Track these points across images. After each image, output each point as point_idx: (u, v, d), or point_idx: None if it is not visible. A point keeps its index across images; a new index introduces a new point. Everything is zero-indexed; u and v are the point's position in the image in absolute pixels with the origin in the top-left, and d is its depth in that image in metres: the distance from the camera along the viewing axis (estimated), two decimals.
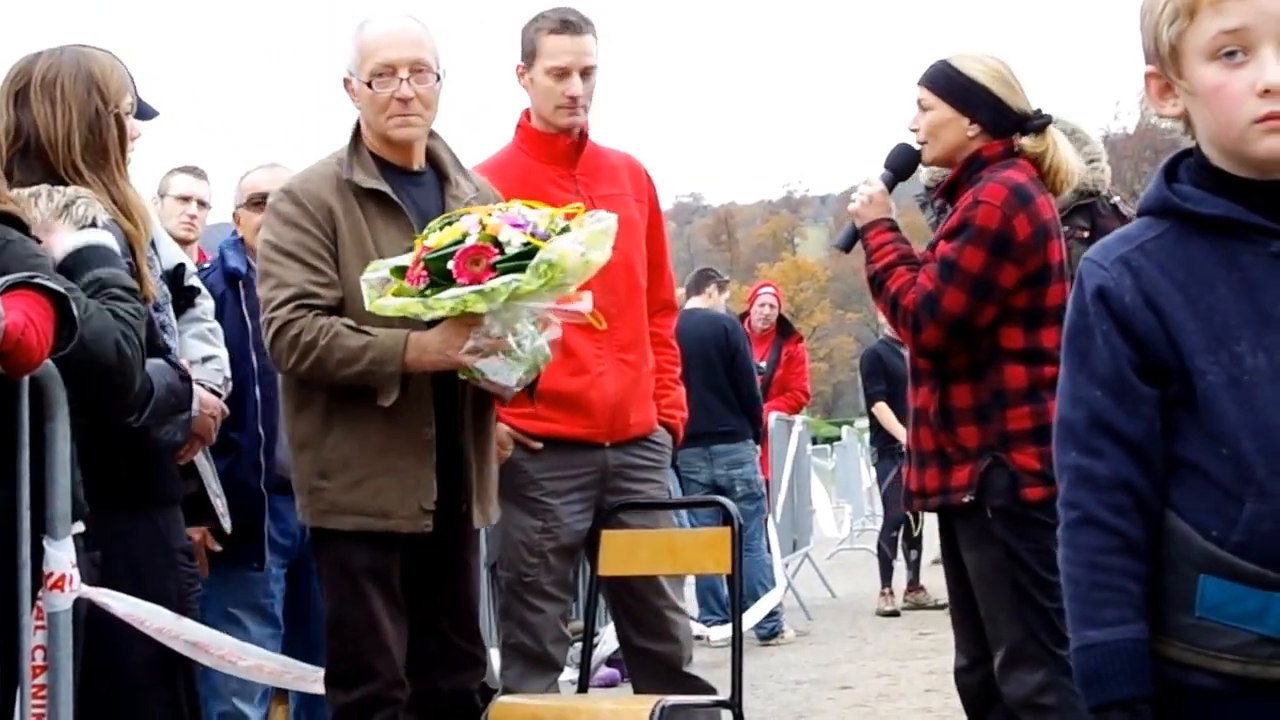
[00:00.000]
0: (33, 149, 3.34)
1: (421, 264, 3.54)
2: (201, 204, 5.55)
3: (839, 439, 22.63)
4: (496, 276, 3.49)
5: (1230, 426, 1.88)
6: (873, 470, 14.69)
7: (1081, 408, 1.99)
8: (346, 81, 3.92)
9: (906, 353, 11.60)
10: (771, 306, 10.26)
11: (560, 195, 4.29)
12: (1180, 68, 1.94)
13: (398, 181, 3.87)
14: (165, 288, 3.63)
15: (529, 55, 4.40)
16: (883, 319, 10.53)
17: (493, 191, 4.02)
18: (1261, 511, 1.85)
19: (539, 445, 4.24)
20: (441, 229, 3.61)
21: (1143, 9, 1.97)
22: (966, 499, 3.81)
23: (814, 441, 16.51)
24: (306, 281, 3.72)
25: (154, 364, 3.27)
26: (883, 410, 10.15)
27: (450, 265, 3.50)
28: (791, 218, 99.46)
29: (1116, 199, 4.79)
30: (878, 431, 10.43)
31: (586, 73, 4.39)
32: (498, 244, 3.52)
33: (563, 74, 4.36)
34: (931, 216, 4.84)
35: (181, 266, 3.86)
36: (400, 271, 3.61)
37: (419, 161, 3.94)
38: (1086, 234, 4.91)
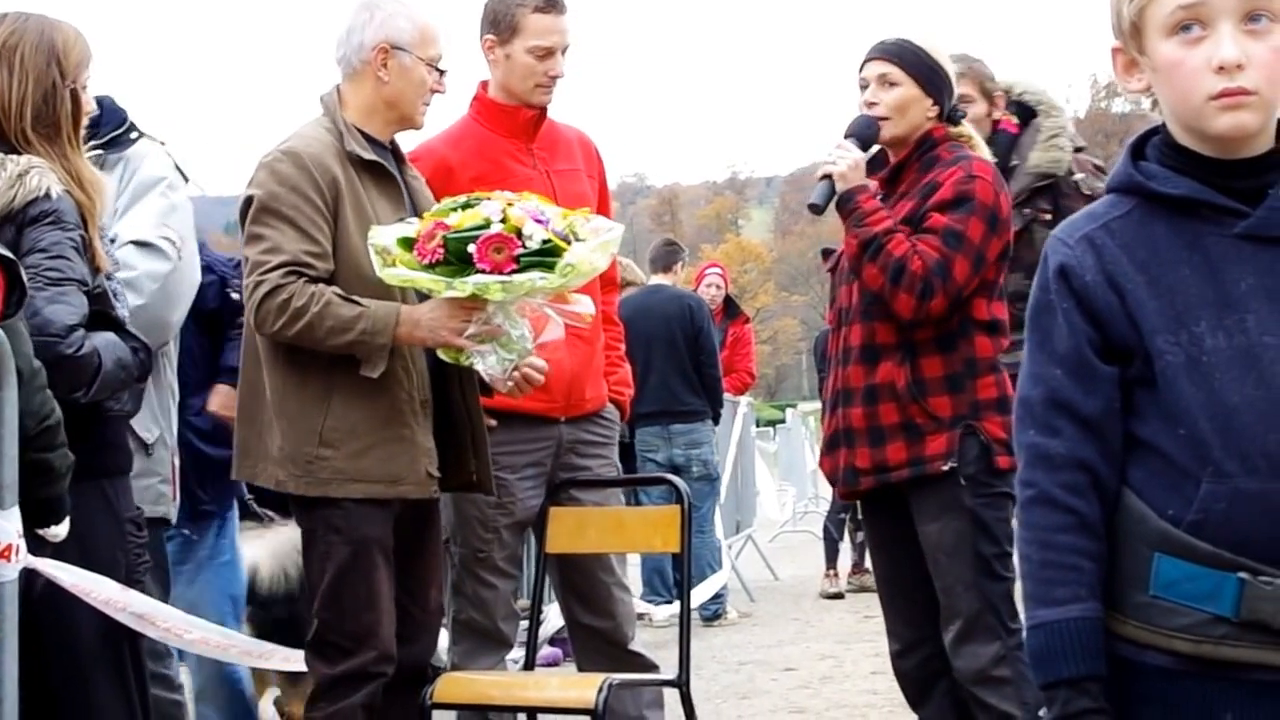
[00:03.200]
0: None
1: (439, 240, 3.60)
2: None
3: (782, 421, 22.68)
4: (517, 267, 3.58)
5: (1188, 406, 1.90)
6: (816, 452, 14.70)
7: (1040, 386, 2.00)
8: (385, 52, 3.93)
9: None
10: (719, 288, 10.26)
11: (518, 168, 4.32)
12: (1142, 43, 1.96)
13: (380, 156, 3.95)
14: (116, 255, 3.60)
15: (506, 31, 4.38)
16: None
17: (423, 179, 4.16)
18: (1217, 491, 1.87)
19: (493, 423, 4.24)
20: (461, 210, 3.67)
21: None
22: (946, 466, 3.82)
23: (756, 424, 16.52)
24: (301, 250, 3.74)
25: (103, 338, 3.24)
26: None
27: (471, 249, 3.57)
28: (735, 199, 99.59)
29: (1080, 176, 4.78)
30: None
31: (565, 51, 4.42)
32: (519, 235, 3.60)
33: (547, 53, 4.38)
34: None
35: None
36: (407, 243, 3.65)
37: (388, 140, 4.05)
38: (1049, 215, 4.92)
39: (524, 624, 4.75)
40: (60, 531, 3.10)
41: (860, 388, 3.97)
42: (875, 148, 4.06)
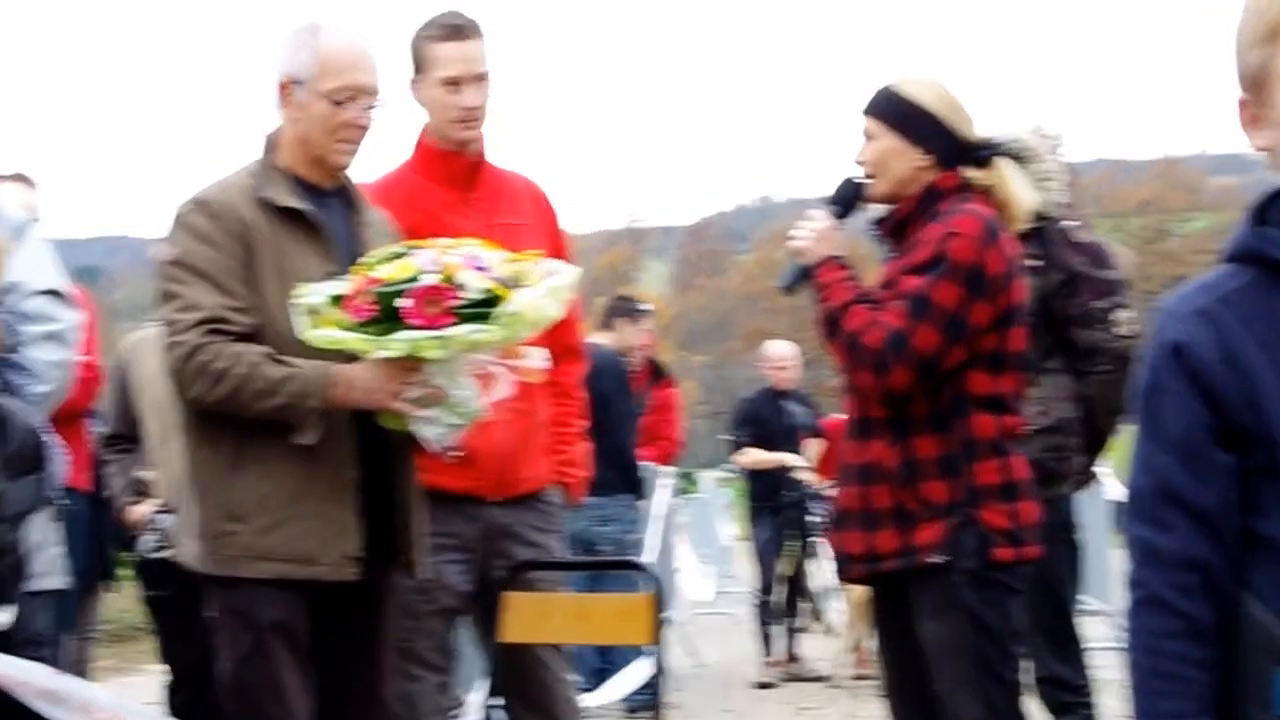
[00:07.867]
0: None
1: (370, 296, 3.45)
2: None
3: (694, 489, 22.54)
4: (456, 320, 3.43)
5: None
6: (732, 525, 14.67)
7: (1150, 475, 1.92)
8: (285, 87, 3.80)
9: (785, 404, 11.51)
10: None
11: (453, 220, 4.19)
12: (1265, 96, 1.87)
13: (311, 201, 3.79)
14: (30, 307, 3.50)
15: (420, 67, 4.29)
16: (803, 355, 10.58)
17: (389, 225, 3.97)
18: None
19: None
20: (391, 260, 3.53)
21: (1236, 31, 1.90)
22: (938, 559, 3.67)
23: None
24: (219, 305, 3.61)
25: None
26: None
27: (401, 303, 3.43)
28: (632, 250, 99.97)
29: (1071, 224, 4.72)
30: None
31: (480, 81, 4.28)
32: (455, 285, 3.45)
33: (454, 84, 4.25)
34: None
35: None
36: (339, 300, 3.50)
37: (332, 183, 3.88)
38: (1041, 263, 4.84)
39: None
40: (3, 619, 2.97)
41: (854, 465, 3.85)
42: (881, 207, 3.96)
